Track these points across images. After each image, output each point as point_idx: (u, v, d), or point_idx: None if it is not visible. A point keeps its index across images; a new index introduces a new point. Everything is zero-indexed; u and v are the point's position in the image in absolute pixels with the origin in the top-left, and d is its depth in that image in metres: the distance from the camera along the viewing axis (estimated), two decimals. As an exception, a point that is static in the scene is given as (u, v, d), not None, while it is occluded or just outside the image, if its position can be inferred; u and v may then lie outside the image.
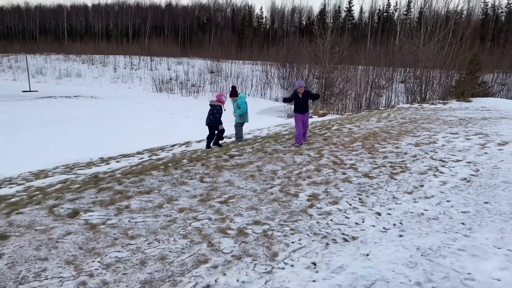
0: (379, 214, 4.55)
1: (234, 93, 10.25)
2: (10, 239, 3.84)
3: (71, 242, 3.78)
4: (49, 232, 3.99)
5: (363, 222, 4.32)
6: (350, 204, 4.84)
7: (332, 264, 3.40)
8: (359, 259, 3.49)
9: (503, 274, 3.23)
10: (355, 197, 5.10)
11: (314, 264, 3.42)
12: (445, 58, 23.88)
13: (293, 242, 3.82)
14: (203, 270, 3.31)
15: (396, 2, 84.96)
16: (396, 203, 4.88)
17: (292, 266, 3.39)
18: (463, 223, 4.27)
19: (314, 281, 3.15)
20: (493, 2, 62.33)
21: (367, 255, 3.57)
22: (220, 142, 9.64)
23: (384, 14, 67.19)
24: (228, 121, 10.11)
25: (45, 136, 13.53)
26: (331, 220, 4.37)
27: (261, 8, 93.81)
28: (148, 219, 4.37)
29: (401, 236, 3.97)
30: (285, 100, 8.94)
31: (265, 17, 79.10)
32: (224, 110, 9.38)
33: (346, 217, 4.44)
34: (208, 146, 9.32)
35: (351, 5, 69.91)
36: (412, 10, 61.34)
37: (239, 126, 10.23)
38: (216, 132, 9.29)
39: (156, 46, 50.86)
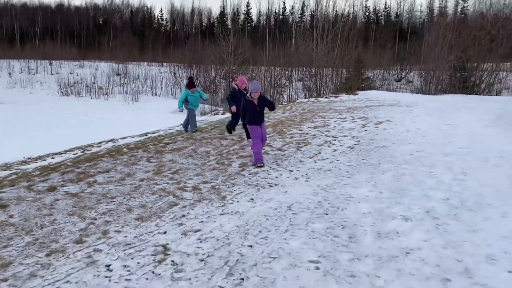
0: (291, 171, 6.27)
1: (193, 84, 9.87)
2: (10, 207, 4.77)
3: (64, 204, 4.84)
4: (40, 200, 4.98)
5: (281, 176, 5.99)
6: (270, 167, 6.50)
7: (264, 198, 5.00)
8: (281, 194, 5.13)
9: (370, 193, 5.12)
10: (273, 162, 6.78)
11: (252, 199, 4.98)
12: (335, 58, 27.25)
13: (235, 190, 5.35)
14: (177, 209, 4.67)
15: (292, 6, 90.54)
16: (302, 164, 6.66)
17: (238, 201, 4.91)
18: (347, 171, 6.18)
19: (254, 207, 4.71)
20: (374, 7, 70.14)
21: (286, 192, 5.24)
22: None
23: (281, 17, 71.53)
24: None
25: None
26: (259, 176, 5.98)
27: (161, 9, 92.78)
28: (117, 187, 5.54)
29: (307, 181, 5.72)
30: (243, 118, 7.05)
31: (166, 18, 78.96)
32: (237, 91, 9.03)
33: (268, 174, 6.09)
34: (230, 131, 9.41)
35: (249, 8, 73.08)
36: (305, 14, 66.37)
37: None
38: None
39: (51, 49, 48.36)
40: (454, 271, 3.20)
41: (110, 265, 3.38)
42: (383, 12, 69.77)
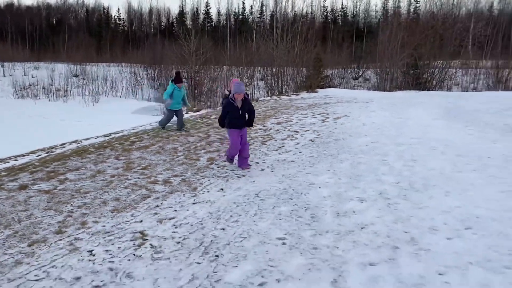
0: (257, 163, 6.64)
1: (179, 78, 9.56)
2: (-17, 205, 4.84)
3: (38, 200, 4.97)
4: (14, 198, 5.08)
5: (248, 170, 6.35)
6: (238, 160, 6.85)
7: (233, 188, 5.34)
8: (249, 184, 5.49)
9: (330, 180, 5.58)
10: (239, 156, 7.13)
11: (222, 189, 5.31)
12: (295, 57, 27.94)
13: (205, 182, 5.65)
14: (150, 200, 4.93)
15: (252, 6, 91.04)
16: (267, 156, 7.06)
17: (208, 191, 5.22)
18: (309, 162, 6.63)
19: (224, 196, 5.04)
20: (332, 7, 71.89)
21: (253, 181, 5.60)
22: None
23: (240, 17, 71.90)
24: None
25: None
26: (227, 169, 6.32)
27: (118, 9, 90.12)
28: (90, 183, 5.70)
29: (272, 171, 6.11)
30: (221, 119, 6.37)
31: (123, 18, 77.39)
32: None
33: (235, 167, 6.43)
34: None
35: (208, 7, 72.94)
36: (265, 13, 67.11)
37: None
38: None
39: (1, 50, 46.41)
40: (402, 240, 3.68)
41: (92, 250, 3.61)
42: (340, 12, 71.61)
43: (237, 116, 6.18)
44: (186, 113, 19.11)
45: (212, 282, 3.06)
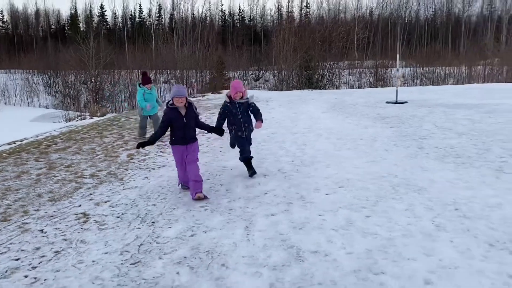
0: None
1: (148, 79, 8.98)
2: None
3: (-30, 200, 5.30)
4: None
5: (166, 159, 7.20)
6: (155, 154, 7.64)
7: (156, 175, 6.18)
8: (170, 171, 6.37)
9: (239, 163, 6.67)
10: (157, 151, 7.92)
11: (147, 177, 6.12)
12: (198, 60, 28.89)
13: (129, 173, 6.39)
14: (83, 190, 5.56)
15: (149, 9, 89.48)
16: (182, 150, 7.96)
17: (134, 180, 5.99)
18: (220, 151, 7.70)
19: (149, 182, 5.87)
20: (230, 11, 73.89)
21: (173, 170, 6.45)
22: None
23: (138, 19, 70.43)
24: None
25: None
26: (147, 162, 7.10)
27: (2, 11, 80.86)
28: (17, 182, 6.08)
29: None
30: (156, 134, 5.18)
31: (6, 21, 70.91)
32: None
33: (155, 160, 7.24)
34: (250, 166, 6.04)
35: (103, 10, 70.25)
36: (163, 16, 66.72)
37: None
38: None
39: None
40: (294, 198, 4.91)
41: (42, 229, 4.23)
42: (238, 16, 73.97)
43: (181, 126, 4.94)
44: (90, 118, 18.96)
45: (154, 238, 3.94)
